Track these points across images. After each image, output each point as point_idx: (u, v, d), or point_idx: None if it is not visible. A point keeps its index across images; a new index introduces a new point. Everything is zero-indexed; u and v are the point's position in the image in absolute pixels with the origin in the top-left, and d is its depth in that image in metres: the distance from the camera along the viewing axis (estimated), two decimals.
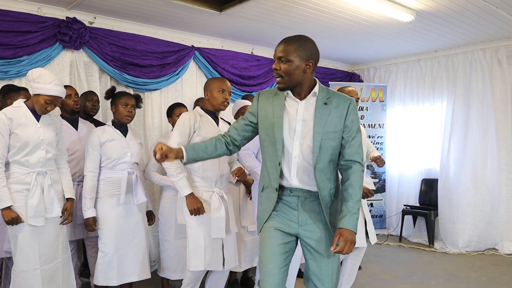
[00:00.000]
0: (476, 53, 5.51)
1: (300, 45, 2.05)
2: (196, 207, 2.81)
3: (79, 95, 3.66)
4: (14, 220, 2.58)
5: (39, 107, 2.70)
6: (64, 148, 3.01)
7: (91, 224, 3.01)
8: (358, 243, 3.33)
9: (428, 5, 4.09)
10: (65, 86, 3.42)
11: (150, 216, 3.41)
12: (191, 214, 2.83)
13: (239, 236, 3.50)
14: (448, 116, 5.70)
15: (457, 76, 5.68)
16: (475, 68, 5.51)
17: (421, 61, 6.19)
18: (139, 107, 3.30)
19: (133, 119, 3.23)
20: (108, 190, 3.08)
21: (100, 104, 3.91)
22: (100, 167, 3.09)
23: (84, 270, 3.99)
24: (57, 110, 3.74)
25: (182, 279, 3.53)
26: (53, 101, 2.69)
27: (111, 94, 3.20)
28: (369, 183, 3.39)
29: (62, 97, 2.75)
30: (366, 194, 3.25)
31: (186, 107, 3.54)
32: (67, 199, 2.89)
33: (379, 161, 3.50)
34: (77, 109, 3.49)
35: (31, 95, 2.75)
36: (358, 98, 3.63)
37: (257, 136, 2.30)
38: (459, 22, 4.63)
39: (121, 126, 3.19)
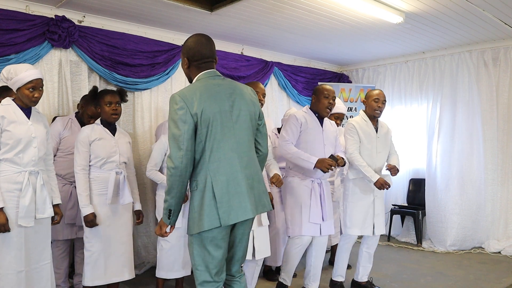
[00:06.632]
0: (463, 55, 5.60)
1: (182, 46, 2.26)
2: None
3: (80, 100, 3.71)
4: (1, 227, 2.50)
5: (27, 99, 2.63)
6: (51, 148, 2.96)
7: (92, 220, 2.98)
8: (364, 232, 3.58)
9: (417, 7, 4.14)
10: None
11: (139, 216, 3.39)
12: None
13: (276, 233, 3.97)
14: (435, 116, 5.78)
15: (444, 77, 5.76)
16: (461, 70, 5.59)
17: (409, 62, 6.27)
18: (125, 101, 3.27)
19: (120, 115, 3.22)
20: (95, 189, 3.08)
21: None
22: (88, 165, 3.09)
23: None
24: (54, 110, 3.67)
25: (178, 278, 3.53)
26: (35, 86, 2.62)
27: (94, 94, 3.18)
28: (387, 176, 3.56)
29: (41, 78, 2.65)
30: (383, 185, 3.42)
31: None
32: (56, 204, 2.85)
33: (393, 171, 3.64)
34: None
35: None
36: (385, 101, 3.67)
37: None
38: (446, 24, 4.70)
39: (109, 125, 3.19)
